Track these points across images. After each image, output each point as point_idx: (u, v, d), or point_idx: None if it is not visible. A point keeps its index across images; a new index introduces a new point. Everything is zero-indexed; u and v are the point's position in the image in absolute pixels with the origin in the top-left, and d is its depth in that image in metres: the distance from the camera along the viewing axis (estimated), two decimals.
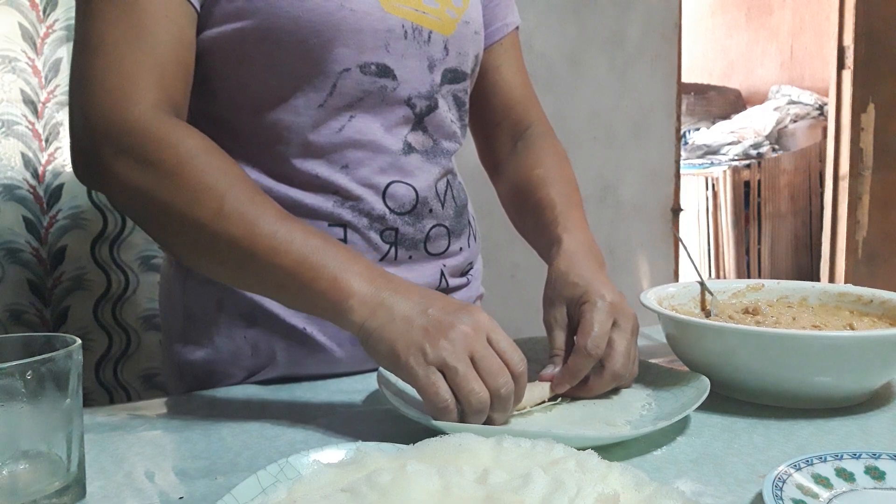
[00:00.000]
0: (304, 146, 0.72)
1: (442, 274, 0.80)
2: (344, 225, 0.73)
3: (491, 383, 0.55)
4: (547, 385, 0.64)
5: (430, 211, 0.77)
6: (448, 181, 0.81)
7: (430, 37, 0.74)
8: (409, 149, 0.75)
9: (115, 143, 0.61)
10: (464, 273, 0.85)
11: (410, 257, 0.77)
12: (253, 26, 0.67)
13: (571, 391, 0.65)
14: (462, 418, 0.55)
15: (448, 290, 0.82)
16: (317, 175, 0.72)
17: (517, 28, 0.92)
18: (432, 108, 0.76)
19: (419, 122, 0.76)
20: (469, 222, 0.85)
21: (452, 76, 0.78)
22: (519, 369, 0.56)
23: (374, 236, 0.74)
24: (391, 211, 0.74)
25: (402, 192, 0.75)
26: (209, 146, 0.63)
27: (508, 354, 0.56)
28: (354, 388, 0.72)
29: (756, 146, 3.79)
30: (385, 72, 0.72)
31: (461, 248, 0.83)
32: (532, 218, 0.81)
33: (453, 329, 0.55)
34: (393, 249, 0.75)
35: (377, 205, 0.74)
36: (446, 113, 0.78)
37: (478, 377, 0.54)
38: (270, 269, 0.59)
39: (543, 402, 0.64)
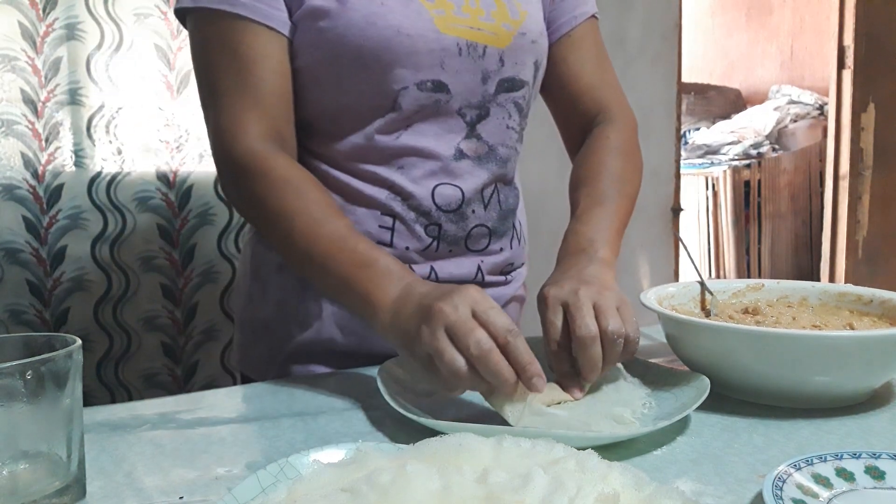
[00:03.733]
0: (366, 149, 0.79)
1: (479, 269, 0.84)
2: (394, 216, 0.80)
3: (492, 330, 0.57)
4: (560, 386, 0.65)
5: (473, 212, 0.82)
6: (497, 188, 0.84)
7: (484, 51, 0.79)
8: (460, 155, 0.81)
9: (232, 176, 0.76)
10: (504, 272, 0.88)
11: (451, 251, 0.83)
12: (323, 54, 0.75)
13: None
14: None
15: (483, 285, 0.85)
16: (375, 172, 0.80)
17: (594, 17, 0.92)
18: (483, 116, 0.81)
19: (472, 129, 0.81)
20: (514, 226, 0.88)
21: (509, 85, 0.82)
22: (511, 324, 0.58)
23: (419, 229, 0.81)
24: (437, 208, 0.80)
25: (449, 193, 0.81)
26: (293, 175, 0.74)
27: (501, 313, 0.58)
28: (354, 388, 0.72)
29: (756, 146, 3.79)
30: (440, 87, 0.78)
31: (501, 249, 0.86)
32: None
33: (449, 294, 0.59)
34: (435, 243, 0.81)
35: (426, 202, 0.80)
36: (503, 120, 0.83)
37: (479, 327, 0.57)
38: (325, 279, 0.70)
39: (559, 402, 0.64)
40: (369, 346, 0.82)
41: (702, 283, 0.80)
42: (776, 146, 3.87)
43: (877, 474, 0.48)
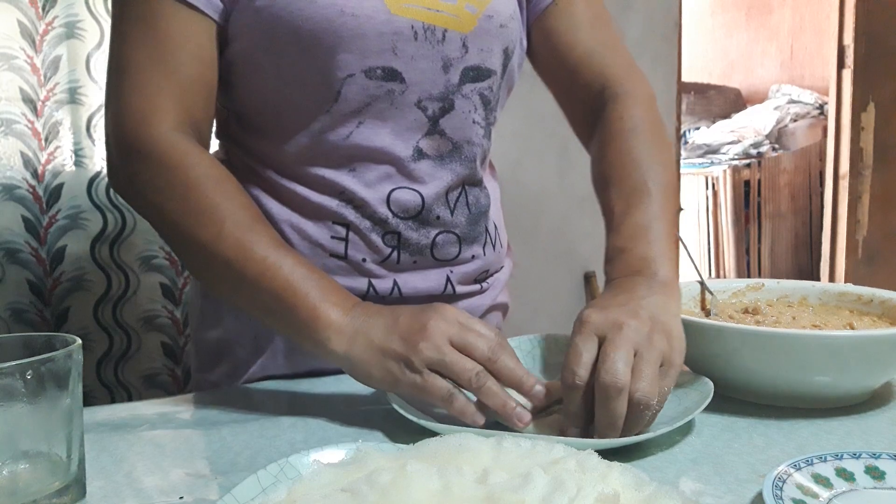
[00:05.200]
0: (312, 150, 0.72)
1: (448, 280, 0.78)
2: (347, 225, 0.73)
3: (478, 355, 0.57)
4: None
5: (438, 218, 0.75)
6: (464, 190, 0.77)
7: (444, 35, 0.71)
8: (419, 155, 0.73)
9: (136, 163, 0.67)
10: (478, 281, 0.82)
11: (415, 262, 0.76)
12: (260, 38, 0.68)
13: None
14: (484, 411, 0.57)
15: (455, 297, 0.79)
16: (323, 176, 0.73)
17: None
18: (447, 109, 0.73)
19: (434, 125, 0.73)
20: (487, 230, 0.81)
21: (475, 74, 0.74)
22: (495, 340, 0.59)
23: (376, 239, 0.74)
24: (394, 215, 0.74)
25: (407, 198, 0.74)
26: (218, 174, 0.67)
27: (481, 330, 0.59)
28: (354, 388, 0.72)
29: (756, 145, 3.79)
30: (392, 75, 0.70)
31: (474, 256, 0.79)
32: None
33: (425, 328, 0.58)
34: (395, 253, 0.75)
35: (380, 208, 0.73)
36: (468, 114, 0.75)
37: (463, 356, 0.57)
38: (258, 293, 0.63)
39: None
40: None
41: (702, 283, 0.80)
42: (776, 146, 3.87)
43: (877, 474, 0.48)
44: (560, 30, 0.79)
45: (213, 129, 0.80)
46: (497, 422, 0.58)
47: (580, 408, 0.55)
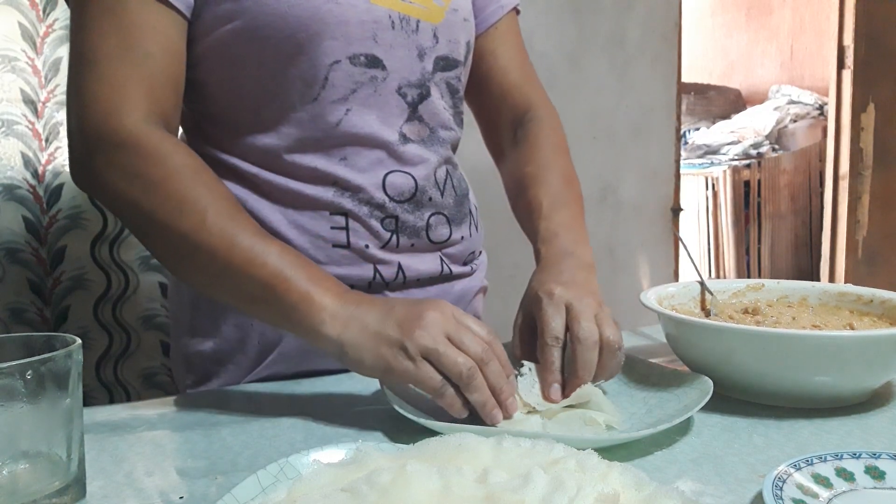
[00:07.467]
0: (301, 141, 0.73)
1: (442, 261, 0.81)
2: (345, 213, 0.74)
3: (472, 351, 0.58)
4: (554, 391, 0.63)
5: (430, 199, 0.78)
6: (448, 171, 0.82)
7: (418, 26, 0.75)
8: (405, 139, 0.76)
9: (106, 153, 0.65)
10: (466, 262, 0.85)
11: (413, 245, 0.78)
12: (242, 26, 0.68)
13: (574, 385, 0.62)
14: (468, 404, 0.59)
15: (451, 277, 0.83)
16: (315, 168, 0.73)
17: (516, 9, 0.91)
18: (424, 96, 0.77)
19: (413, 111, 0.76)
20: (470, 212, 0.85)
21: (444, 64, 0.79)
22: (488, 337, 0.60)
23: (376, 224, 0.75)
24: (390, 199, 0.76)
25: (401, 181, 0.76)
26: (195, 163, 0.66)
27: (476, 328, 0.60)
28: (354, 388, 0.72)
29: (756, 146, 3.79)
30: (374, 62, 0.73)
31: (462, 237, 0.83)
32: (523, 219, 0.82)
33: (422, 318, 0.59)
34: (394, 237, 0.76)
35: (377, 193, 0.75)
36: (439, 101, 0.79)
37: (457, 350, 0.58)
38: (246, 281, 0.62)
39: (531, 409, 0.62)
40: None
41: (702, 283, 0.80)
42: (776, 146, 3.87)
43: (877, 474, 0.48)
44: (498, 53, 0.88)
45: (185, 136, 0.79)
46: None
47: (559, 363, 0.63)
